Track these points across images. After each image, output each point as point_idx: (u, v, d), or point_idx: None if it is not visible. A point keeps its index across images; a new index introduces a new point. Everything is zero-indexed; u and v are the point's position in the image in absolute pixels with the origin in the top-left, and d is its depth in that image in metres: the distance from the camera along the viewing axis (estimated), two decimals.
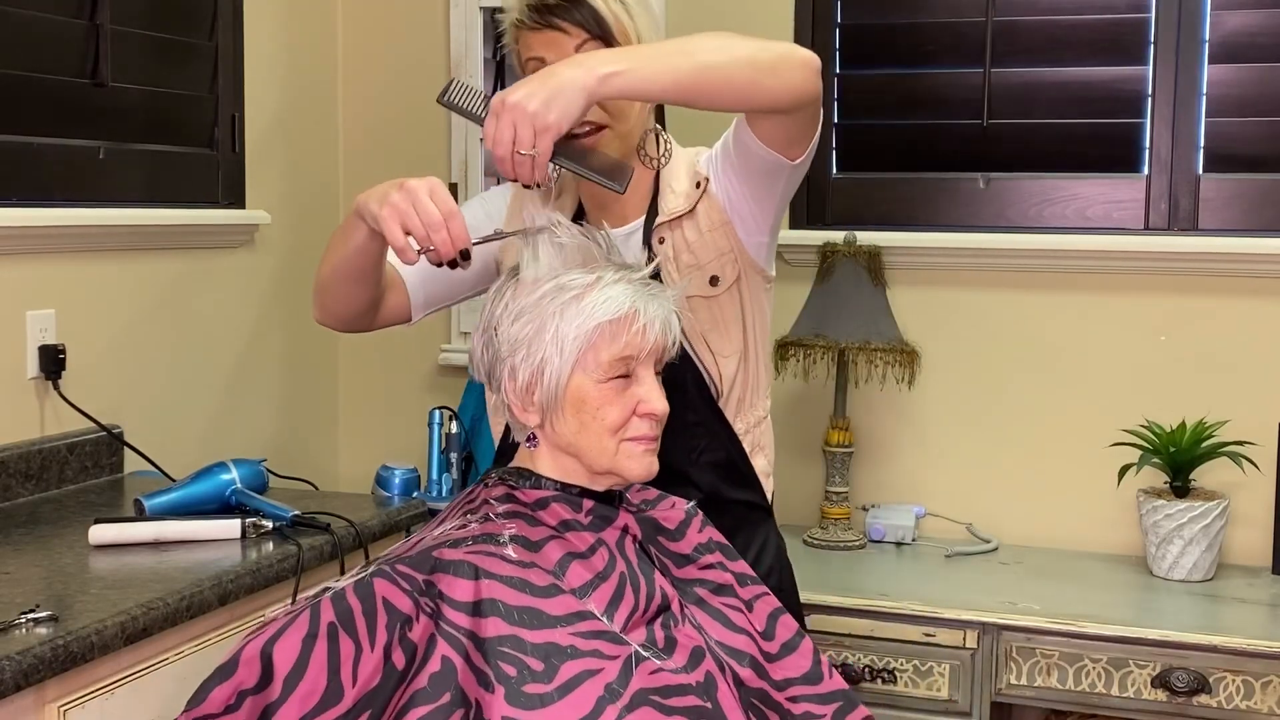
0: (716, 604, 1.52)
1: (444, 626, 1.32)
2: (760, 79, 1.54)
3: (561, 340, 1.40)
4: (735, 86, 1.53)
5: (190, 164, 2.68)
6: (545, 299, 1.41)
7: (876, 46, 2.83)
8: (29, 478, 2.26)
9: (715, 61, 1.52)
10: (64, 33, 2.36)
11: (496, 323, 1.44)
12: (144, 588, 1.75)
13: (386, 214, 1.47)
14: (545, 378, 1.41)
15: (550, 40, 1.66)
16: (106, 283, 2.47)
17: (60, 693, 1.59)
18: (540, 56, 1.66)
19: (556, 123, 1.42)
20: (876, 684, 2.34)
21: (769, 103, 1.58)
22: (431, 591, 1.34)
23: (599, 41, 1.65)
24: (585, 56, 1.50)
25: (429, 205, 1.45)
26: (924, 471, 2.78)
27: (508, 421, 1.53)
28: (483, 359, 1.48)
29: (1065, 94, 2.69)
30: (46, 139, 2.33)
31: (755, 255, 1.77)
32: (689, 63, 1.50)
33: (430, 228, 1.45)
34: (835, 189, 2.84)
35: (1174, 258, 2.59)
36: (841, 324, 2.60)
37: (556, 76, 1.44)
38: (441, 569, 1.35)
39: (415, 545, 1.44)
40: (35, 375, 2.31)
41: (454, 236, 1.46)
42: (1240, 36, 2.59)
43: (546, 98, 1.42)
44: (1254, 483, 2.50)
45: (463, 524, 1.43)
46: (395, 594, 1.33)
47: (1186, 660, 2.20)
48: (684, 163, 1.77)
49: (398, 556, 1.38)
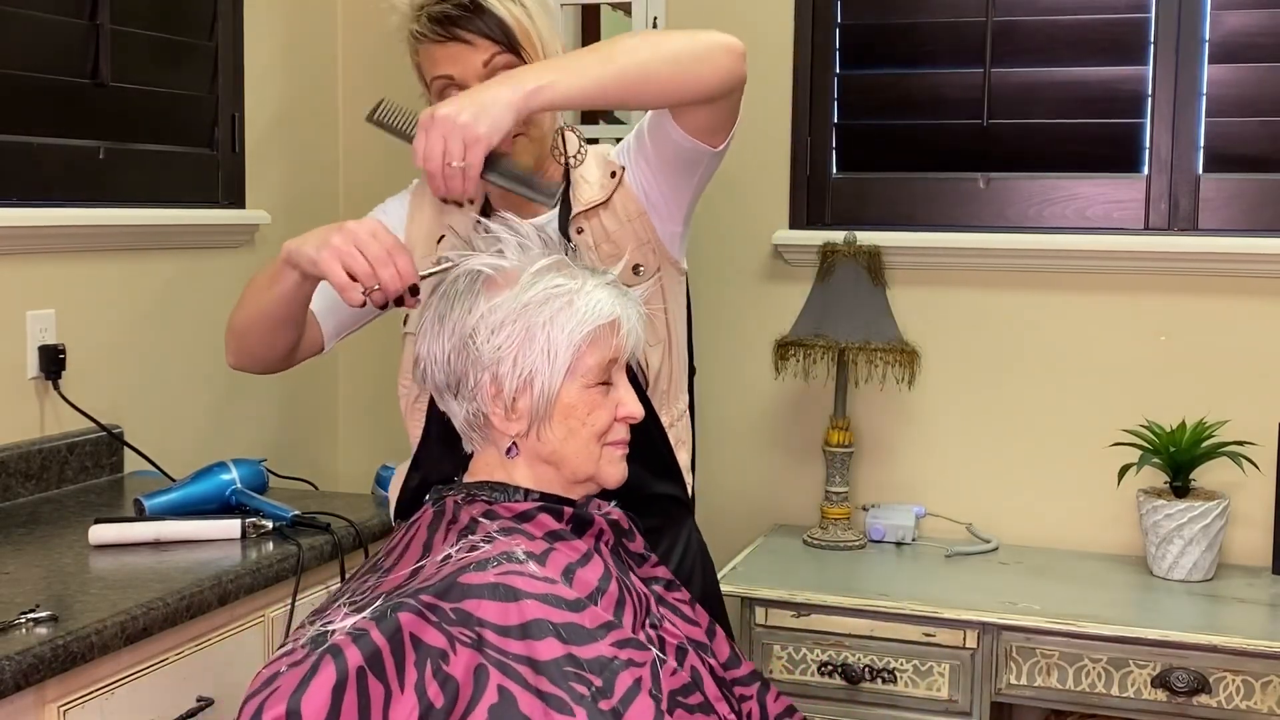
0: (672, 600, 1.53)
1: (491, 654, 1.26)
2: (684, 72, 1.54)
3: (553, 348, 1.38)
4: (660, 83, 1.53)
5: (190, 164, 2.68)
6: (532, 307, 1.38)
7: (876, 46, 2.83)
8: (29, 478, 2.26)
9: (637, 61, 1.51)
10: (64, 33, 2.36)
11: (472, 331, 1.39)
12: (144, 588, 1.75)
13: (326, 256, 1.44)
14: (536, 387, 1.38)
15: (455, 54, 1.61)
16: (106, 283, 2.47)
17: (60, 693, 1.59)
18: (447, 74, 1.62)
19: (487, 135, 1.41)
20: (876, 684, 2.34)
21: (695, 94, 1.57)
22: (468, 620, 1.27)
23: (507, 51, 1.60)
24: (510, 74, 1.48)
25: (372, 243, 1.44)
26: (924, 471, 2.78)
27: (474, 433, 1.45)
28: (449, 368, 1.41)
29: (1065, 94, 2.69)
30: (46, 139, 2.33)
31: (669, 245, 1.76)
32: (612, 67, 1.49)
33: (376, 263, 1.43)
34: (835, 189, 2.84)
35: (1174, 258, 2.59)
36: (841, 324, 2.60)
37: (485, 92, 1.44)
38: (474, 594, 1.28)
39: (423, 577, 1.33)
40: (35, 375, 2.31)
41: (401, 272, 1.44)
42: (1240, 36, 2.59)
43: (476, 111, 1.41)
44: (1254, 483, 2.50)
45: (470, 546, 1.36)
46: (422, 627, 1.25)
47: (1186, 660, 2.20)
48: (594, 155, 1.76)
49: (417, 588, 1.29)
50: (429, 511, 1.44)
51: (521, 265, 1.41)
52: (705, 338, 2.88)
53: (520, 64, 1.59)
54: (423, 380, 1.46)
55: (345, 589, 1.39)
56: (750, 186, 2.86)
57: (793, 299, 2.70)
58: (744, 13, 2.83)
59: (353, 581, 1.42)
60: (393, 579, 1.35)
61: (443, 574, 1.31)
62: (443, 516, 1.43)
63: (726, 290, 2.89)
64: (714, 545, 2.84)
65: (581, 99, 1.50)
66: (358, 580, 1.40)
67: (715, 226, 2.88)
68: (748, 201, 2.86)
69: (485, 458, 1.46)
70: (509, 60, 1.59)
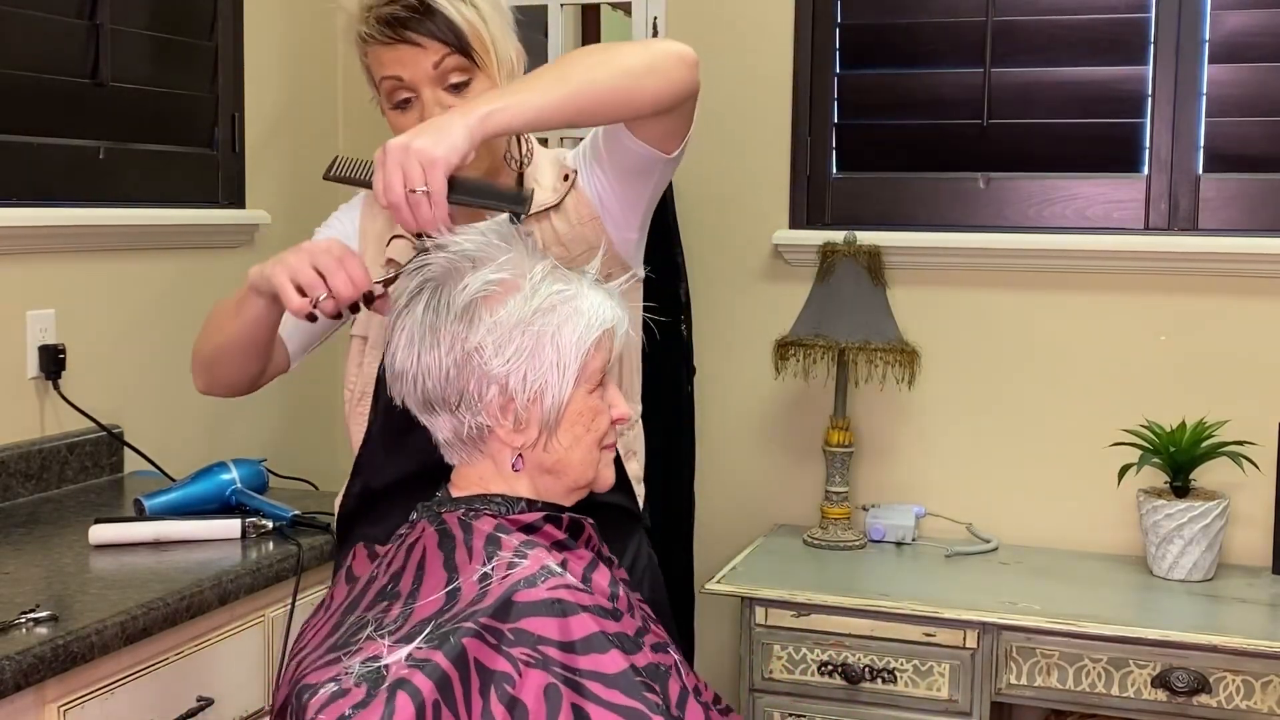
0: (635, 603, 1.52)
1: (559, 672, 1.22)
2: (638, 85, 1.51)
3: (563, 358, 1.35)
4: (616, 98, 1.50)
5: (190, 164, 2.68)
6: (539, 316, 1.35)
7: (876, 46, 2.83)
8: (29, 478, 2.26)
9: (591, 79, 1.48)
10: (64, 33, 2.36)
11: (478, 345, 1.33)
12: (144, 588, 1.75)
13: (278, 271, 1.42)
14: (547, 398, 1.35)
15: (404, 56, 1.56)
16: (106, 283, 2.47)
17: (60, 693, 1.59)
18: (396, 75, 1.57)
19: (445, 156, 1.37)
20: (876, 684, 2.34)
21: (650, 106, 1.54)
22: (528, 639, 1.23)
23: (457, 53, 1.56)
24: (465, 102, 1.47)
25: (323, 256, 1.41)
26: (924, 471, 2.78)
27: (463, 446, 1.39)
28: (448, 381, 1.35)
29: (1065, 94, 2.69)
30: (46, 139, 2.33)
31: (623, 252, 1.71)
32: (566, 87, 1.46)
33: (326, 273, 1.41)
34: (835, 189, 2.84)
35: (1174, 258, 2.59)
36: (841, 324, 2.60)
37: (437, 120, 1.41)
38: (530, 612, 1.24)
39: (466, 599, 1.27)
40: (35, 375, 2.31)
41: (353, 278, 1.41)
42: (1240, 36, 2.59)
43: (432, 136, 1.38)
44: (1254, 483, 2.50)
45: (508, 562, 1.30)
46: (484, 651, 1.21)
47: (1186, 660, 2.20)
48: (548, 158, 1.74)
49: (468, 610, 1.24)
50: (428, 529, 1.37)
51: (519, 273, 1.37)
52: (705, 338, 2.88)
53: (471, 66, 1.57)
54: (402, 392, 1.39)
55: (360, 622, 1.31)
56: (750, 186, 2.86)
57: (793, 299, 2.70)
58: (744, 13, 2.83)
59: (360, 614, 1.33)
60: (426, 604, 1.28)
61: (494, 594, 1.26)
62: (451, 534, 1.35)
63: (726, 290, 2.89)
64: (714, 545, 2.86)
65: (537, 120, 1.46)
66: (372, 611, 1.31)
67: (715, 226, 2.88)
68: (748, 201, 2.86)
69: (477, 470, 1.40)
70: (459, 62, 1.56)
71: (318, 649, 1.30)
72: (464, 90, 1.56)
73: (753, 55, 2.83)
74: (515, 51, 1.63)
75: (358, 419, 1.66)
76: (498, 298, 1.35)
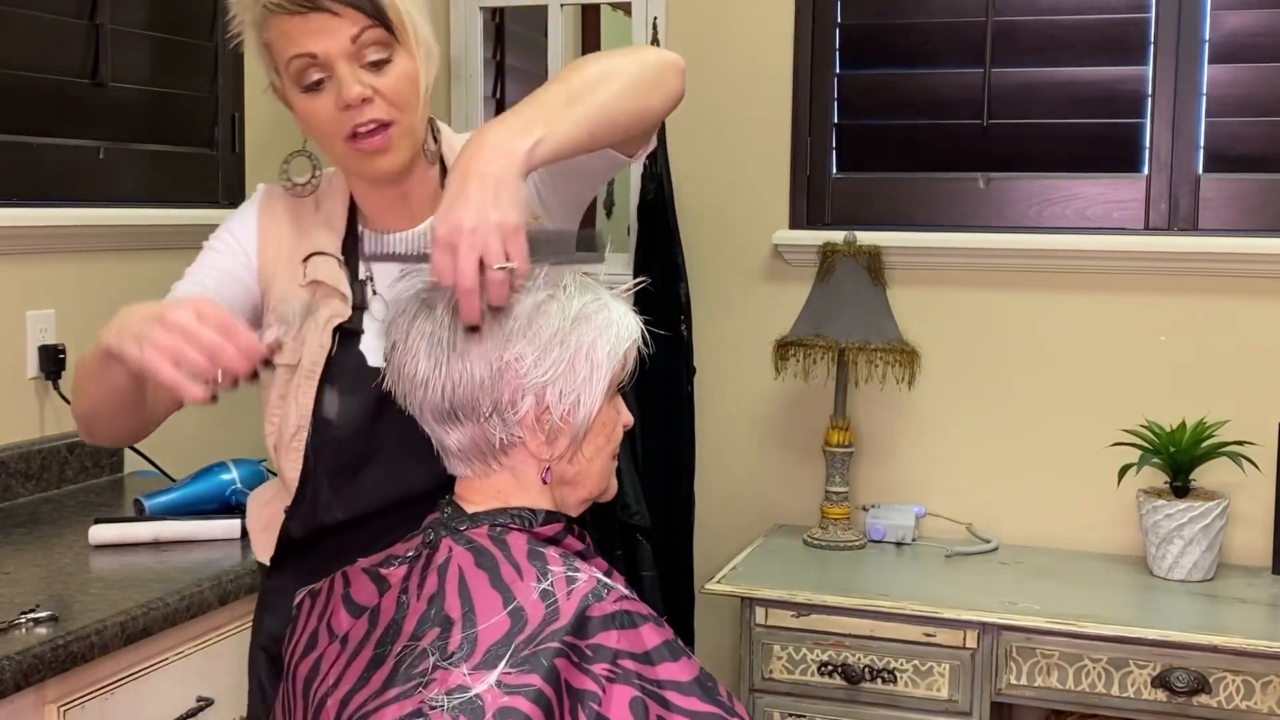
0: None
1: (639, 684, 1.20)
2: (649, 102, 1.42)
3: (597, 369, 1.31)
4: (633, 116, 1.40)
5: (190, 164, 2.68)
6: (575, 326, 1.31)
7: (876, 46, 2.83)
8: (29, 478, 2.26)
9: (612, 96, 1.37)
10: (64, 33, 2.36)
11: (517, 356, 1.29)
12: (144, 588, 1.75)
13: (154, 358, 1.24)
14: (581, 409, 1.32)
15: (318, 28, 1.38)
16: (106, 283, 2.47)
17: (60, 693, 1.59)
18: (309, 52, 1.39)
19: (519, 219, 1.25)
20: (876, 684, 2.34)
21: (653, 120, 1.45)
22: (606, 654, 1.21)
23: (378, 25, 1.40)
24: (486, 136, 1.29)
25: (201, 331, 1.24)
26: (924, 471, 2.78)
27: (477, 459, 1.33)
28: (481, 391, 1.29)
29: (1065, 94, 2.69)
30: (46, 139, 2.33)
31: None
32: (593, 107, 1.35)
33: (211, 352, 1.24)
34: (835, 189, 2.84)
35: (1174, 258, 2.59)
36: (841, 324, 2.60)
37: (480, 173, 1.26)
38: (604, 627, 1.22)
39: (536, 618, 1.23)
40: (35, 375, 2.31)
41: (244, 351, 1.25)
42: (1240, 36, 2.59)
43: (496, 200, 1.24)
44: (1254, 483, 2.50)
45: (567, 577, 1.27)
46: (571, 671, 1.19)
47: (1186, 660, 2.20)
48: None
49: (547, 630, 1.21)
50: (456, 549, 1.30)
51: (553, 282, 1.33)
52: (705, 338, 2.88)
53: (392, 41, 1.41)
54: (419, 400, 1.31)
55: (412, 651, 1.23)
56: (750, 186, 2.86)
57: (793, 299, 2.70)
58: (744, 13, 2.83)
59: (405, 643, 1.25)
60: (490, 628, 1.23)
61: (567, 611, 1.22)
62: (488, 552, 1.30)
63: (726, 290, 2.89)
64: (714, 545, 2.86)
65: (572, 149, 1.34)
66: (425, 640, 1.23)
67: (715, 226, 2.88)
68: (748, 201, 2.86)
69: (493, 482, 1.34)
70: (379, 35, 1.40)
71: (366, 687, 1.22)
72: (384, 69, 1.41)
73: (753, 55, 2.83)
74: (430, 32, 1.49)
75: (291, 455, 1.49)
76: (527, 313, 1.31)
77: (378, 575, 1.33)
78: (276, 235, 1.54)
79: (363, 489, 1.46)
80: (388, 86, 1.41)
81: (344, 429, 1.46)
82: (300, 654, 1.34)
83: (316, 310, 1.48)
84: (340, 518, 1.46)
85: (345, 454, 1.46)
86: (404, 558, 1.33)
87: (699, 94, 2.88)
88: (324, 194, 1.56)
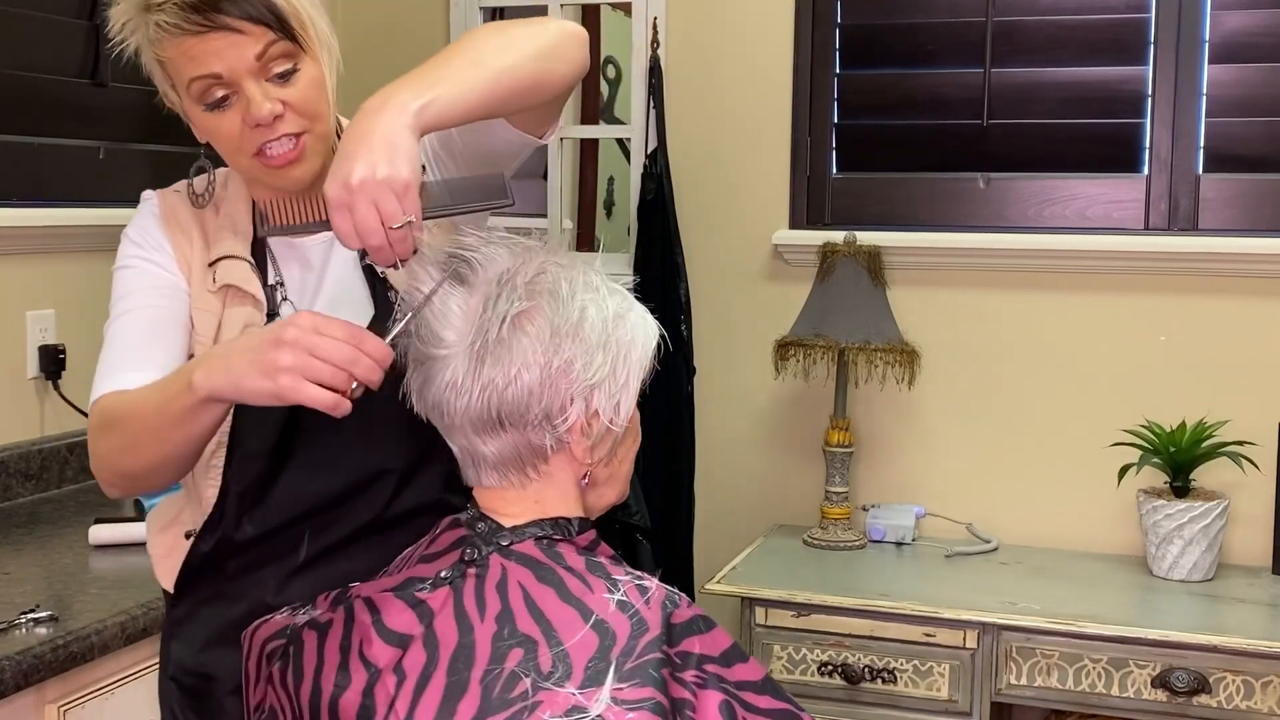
0: None
1: (727, 688, 1.21)
2: (550, 69, 1.35)
3: (633, 369, 1.29)
4: (531, 84, 1.34)
5: (190, 164, 2.67)
6: (614, 329, 1.28)
7: (876, 46, 2.83)
8: (29, 478, 2.26)
9: (509, 64, 1.31)
10: (64, 33, 2.36)
11: (568, 361, 1.25)
12: (144, 588, 1.75)
13: (289, 383, 1.18)
14: (621, 412, 1.29)
15: (221, 47, 1.32)
16: (106, 283, 2.46)
17: (60, 693, 1.59)
18: (214, 73, 1.33)
19: (411, 174, 1.20)
20: (876, 684, 2.34)
21: (557, 91, 1.38)
22: (692, 661, 1.20)
23: (283, 38, 1.34)
24: (374, 100, 1.25)
25: (328, 343, 1.19)
26: (924, 471, 2.78)
27: (514, 468, 1.28)
28: (535, 396, 1.24)
29: (1065, 94, 2.69)
30: (46, 139, 2.33)
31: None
32: (487, 73, 1.29)
33: (348, 365, 1.19)
34: (835, 189, 2.84)
35: (1174, 258, 2.59)
36: (841, 324, 2.60)
37: (373, 134, 1.21)
38: (687, 633, 1.22)
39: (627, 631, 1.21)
40: (35, 375, 2.31)
41: (375, 356, 1.21)
42: (1240, 36, 2.59)
43: (386, 157, 1.20)
44: (1254, 483, 2.50)
45: (635, 585, 1.25)
46: (669, 681, 1.19)
47: (1186, 660, 2.20)
48: None
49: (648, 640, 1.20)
50: (509, 564, 1.25)
51: (589, 285, 1.29)
52: (705, 338, 2.88)
53: (298, 51, 1.35)
54: (454, 408, 1.24)
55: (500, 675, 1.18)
56: (750, 186, 2.86)
57: (793, 299, 2.70)
58: (744, 13, 2.83)
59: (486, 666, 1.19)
60: (579, 644, 1.20)
61: (654, 620, 1.21)
62: (547, 566, 1.26)
63: (726, 290, 2.89)
64: (714, 545, 2.86)
65: (465, 112, 1.28)
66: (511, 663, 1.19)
67: (715, 226, 2.88)
68: (748, 201, 2.86)
69: (529, 492, 1.29)
70: (285, 48, 1.34)
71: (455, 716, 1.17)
72: (291, 79, 1.35)
73: (753, 55, 2.83)
74: (328, 26, 1.43)
75: (210, 475, 1.44)
76: (570, 311, 1.28)
77: (415, 600, 1.24)
78: (185, 241, 1.48)
79: (274, 503, 1.41)
80: (297, 98, 1.36)
81: (258, 443, 1.40)
82: (334, 690, 1.23)
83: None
84: (251, 534, 1.41)
85: (258, 469, 1.41)
86: (437, 579, 1.26)
87: (699, 94, 2.89)
88: (221, 198, 1.51)
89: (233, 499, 1.41)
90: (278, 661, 1.29)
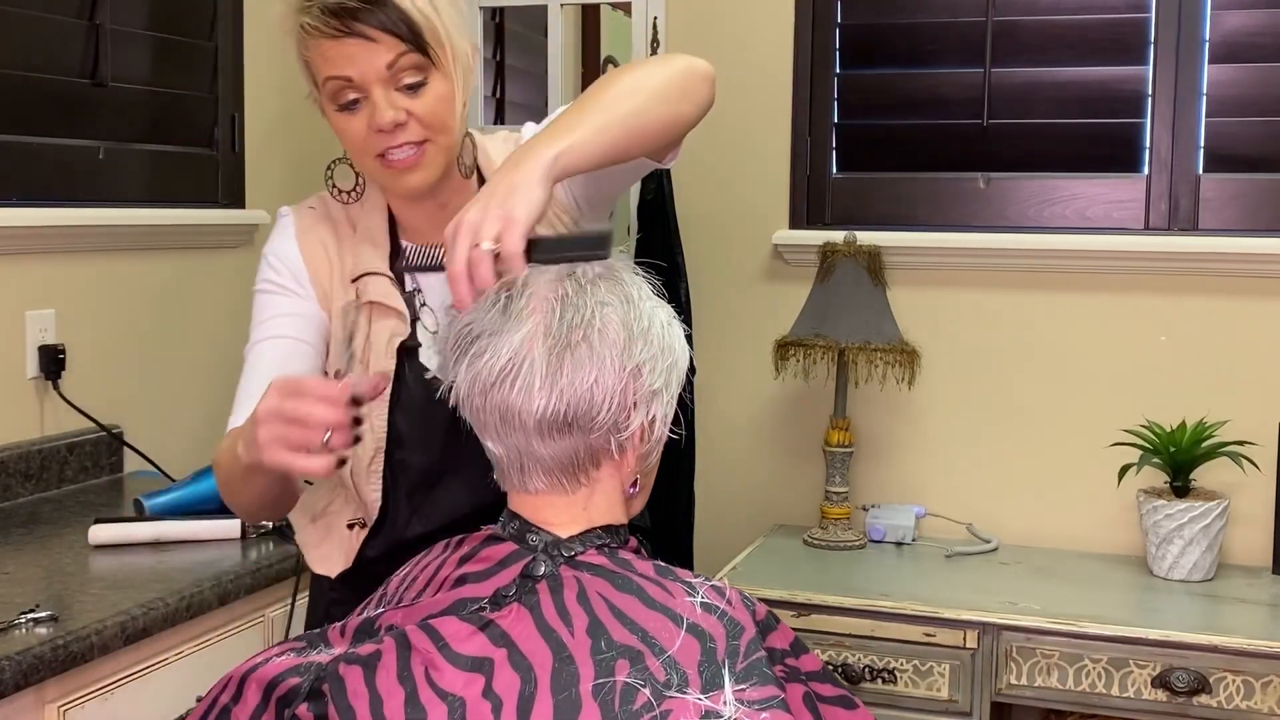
0: None
1: (802, 680, 1.24)
2: (678, 111, 1.43)
3: (679, 377, 1.29)
4: (659, 126, 1.41)
5: (190, 164, 2.68)
6: (665, 334, 1.27)
7: (876, 46, 2.83)
8: (29, 478, 2.26)
9: (636, 107, 1.38)
10: (64, 33, 2.36)
11: (639, 365, 1.23)
12: (144, 588, 1.75)
13: (273, 456, 1.22)
14: (669, 417, 1.29)
15: (354, 52, 1.40)
16: (106, 283, 2.47)
17: (60, 693, 1.59)
18: (344, 76, 1.41)
19: (526, 217, 1.23)
20: (876, 684, 2.34)
21: (685, 129, 1.47)
22: (777, 656, 1.23)
23: (414, 50, 1.40)
24: (521, 153, 1.31)
25: (285, 406, 1.22)
26: (924, 471, 2.78)
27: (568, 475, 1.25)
28: (604, 403, 1.22)
29: (1065, 94, 2.69)
30: (46, 139, 2.33)
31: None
32: (615, 117, 1.36)
33: (303, 420, 1.21)
34: (835, 189, 2.84)
35: (1174, 258, 2.59)
36: (841, 324, 2.60)
37: (500, 178, 1.28)
38: (769, 628, 1.25)
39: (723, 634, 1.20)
40: (35, 375, 2.31)
41: (327, 400, 1.22)
42: (1240, 36, 2.59)
43: (504, 198, 1.24)
44: (1254, 483, 2.50)
45: (711, 586, 1.25)
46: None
47: (1186, 660, 2.20)
48: (497, 147, 1.58)
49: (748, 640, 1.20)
50: (584, 576, 1.22)
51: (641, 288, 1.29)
52: (705, 338, 2.88)
53: (428, 64, 1.41)
54: (527, 408, 1.21)
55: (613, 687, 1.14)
56: (750, 186, 2.86)
57: (793, 299, 2.70)
58: (744, 13, 2.83)
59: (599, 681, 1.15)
60: (683, 649, 1.17)
61: (744, 621, 1.21)
62: (619, 576, 1.23)
63: (726, 290, 2.89)
64: (714, 545, 2.86)
65: (599, 159, 1.35)
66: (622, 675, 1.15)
67: (715, 226, 2.88)
68: (748, 201, 2.86)
69: (578, 499, 1.27)
70: (415, 60, 1.40)
71: None
72: (419, 91, 1.42)
73: (753, 55, 2.83)
74: (471, 47, 1.48)
75: (372, 479, 1.51)
76: (633, 319, 1.26)
77: (483, 621, 1.17)
78: (323, 258, 1.55)
79: (441, 503, 1.48)
80: (422, 109, 1.42)
81: (419, 446, 1.48)
82: None
83: (360, 327, 1.49)
84: (420, 531, 1.48)
85: (422, 471, 1.47)
86: (498, 597, 1.20)
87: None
88: (358, 213, 1.57)
89: (402, 500, 1.49)
90: (303, 701, 1.18)
